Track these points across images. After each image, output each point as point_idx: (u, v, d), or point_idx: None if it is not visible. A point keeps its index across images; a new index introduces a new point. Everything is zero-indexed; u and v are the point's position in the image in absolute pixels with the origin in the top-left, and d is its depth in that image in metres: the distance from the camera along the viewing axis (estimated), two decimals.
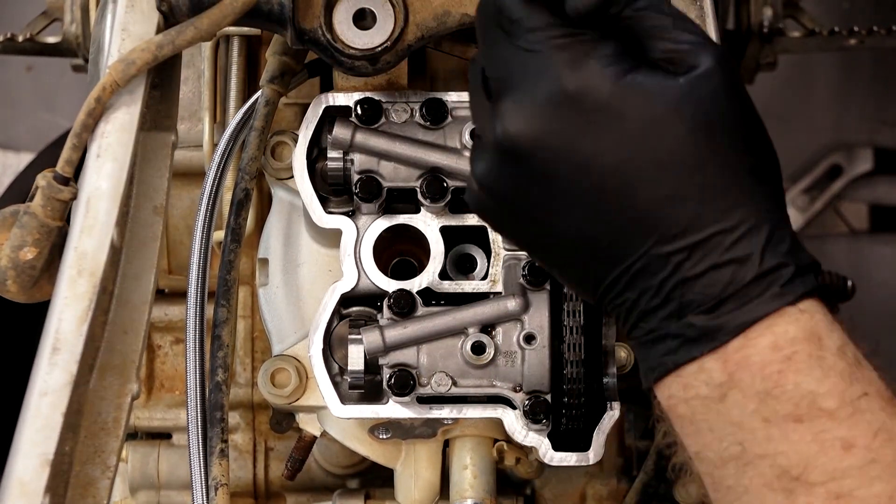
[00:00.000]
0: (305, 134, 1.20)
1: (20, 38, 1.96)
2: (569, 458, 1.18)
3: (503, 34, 0.94)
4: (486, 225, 1.10)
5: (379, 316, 1.19)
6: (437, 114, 1.19)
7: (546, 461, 1.18)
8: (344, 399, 1.18)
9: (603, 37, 0.92)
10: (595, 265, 0.94)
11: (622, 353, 1.21)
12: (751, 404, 0.89)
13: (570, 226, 0.93)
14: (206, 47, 1.42)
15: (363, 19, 1.15)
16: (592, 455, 1.18)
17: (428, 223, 1.19)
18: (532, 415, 1.17)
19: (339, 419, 1.22)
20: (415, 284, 1.19)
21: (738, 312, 0.90)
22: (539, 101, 0.92)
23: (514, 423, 1.17)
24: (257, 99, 1.23)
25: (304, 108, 1.22)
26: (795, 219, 2.64)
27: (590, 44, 0.92)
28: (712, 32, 1.19)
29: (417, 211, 1.20)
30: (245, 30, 1.39)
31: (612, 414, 1.18)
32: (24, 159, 2.63)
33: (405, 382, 1.16)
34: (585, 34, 0.92)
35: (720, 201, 0.90)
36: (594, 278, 0.94)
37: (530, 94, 0.92)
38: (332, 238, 1.22)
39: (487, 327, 1.17)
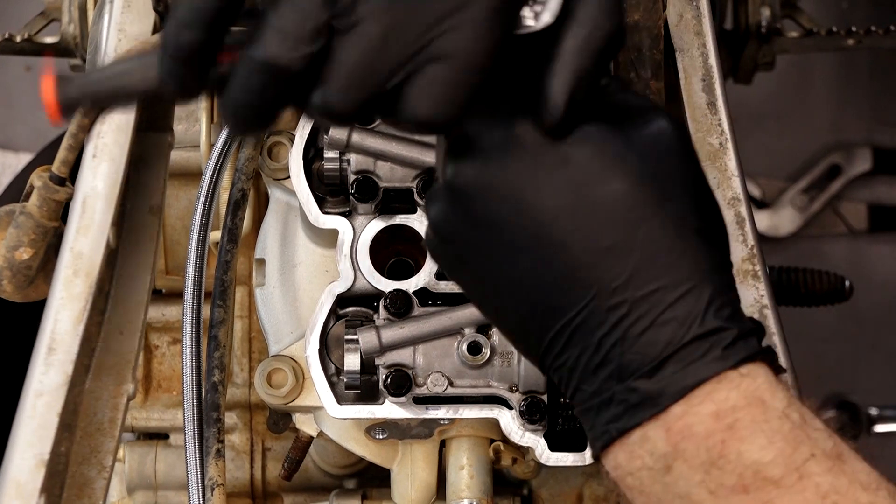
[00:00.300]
0: (302, 134, 1.20)
1: (18, 39, 1.96)
2: (565, 459, 1.18)
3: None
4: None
5: (375, 316, 1.19)
6: None
7: (543, 461, 1.18)
8: (340, 399, 1.18)
9: None
10: (538, 319, 0.92)
11: None
12: (696, 476, 0.88)
13: (513, 275, 0.92)
14: None
15: None
16: (589, 455, 1.18)
17: (424, 223, 1.19)
18: (528, 415, 1.17)
19: (335, 419, 1.22)
20: (411, 284, 1.19)
21: (679, 375, 0.88)
22: (486, 145, 0.91)
23: (510, 423, 1.17)
24: None
25: None
26: (794, 219, 2.64)
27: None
28: (709, 32, 1.19)
29: (414, 211, 1.20)
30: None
31: None
32: (23, 159, 2.63)
33: (401, 383, 1.16)
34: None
35: (663, 257, 0.89)
36: (537, 334, 0.92)
37: (477, 142, 0.91)
38: (328, 238, 1.22)
39: (483, 327, 1.17)
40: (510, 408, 1.18)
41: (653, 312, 0.88)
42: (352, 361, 1.16)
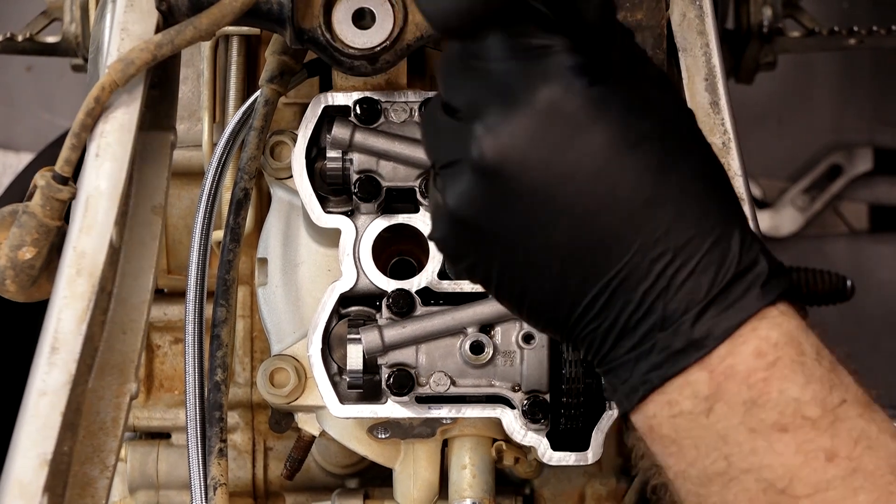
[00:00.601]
0: (304, 133, 1.20)
1: (20, 38, 1.96)
2: (567, 458, 1.18)
3: (469, 62, 0.93)
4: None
5: (378, 315, 1.19)
6: None
7: (545, 461, 1.18)
8: (343, 399, 1.18)
9: (572, 46, 0.91)
10: (574, 285, 0.92)
11: None
12: (736, 415, 0.89)
13: (548, 245, 0.92)
14: (206, 47, 1.42)
15: (362, 19, 1.15)
16: (591, 454, 1.18)
17: (427, 223, 1.19)
18: (531, 414, 1.17)
19: (337, 419, 1.22)
20: (414, 284, 1.19)
21: (724, 316, 0.89)
22: (513, 117, 0.91)
23: (512, 422, 1.17)
24: (256, 98, 1.23)
25: (304, 107, 1.22)
26: (795, 219, 2.64)
27: (558, 55, 0.90)
28: (712, 32, 1.19)
29: (416, 210, 1.20)
30: (244, 29, 1.39)
31: (611, 413, 1.18)
32: (23, 159, 2.63)
33: (404, 382, 1.16)
34: (552, 46, 0.91)
35: (695, 206, 0.90)
36: (572, 300, 0.92)
37: (503, 112, 0.91)
38: (331, 238, 1.22)
39: (486, 327, 1.17)
40: (512, 407, 1.18)
41: (694, 259, 0.89)
42: (354, 361, 1.16)
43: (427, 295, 1.19)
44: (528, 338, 1.17)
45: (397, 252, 1.24)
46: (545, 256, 0.92)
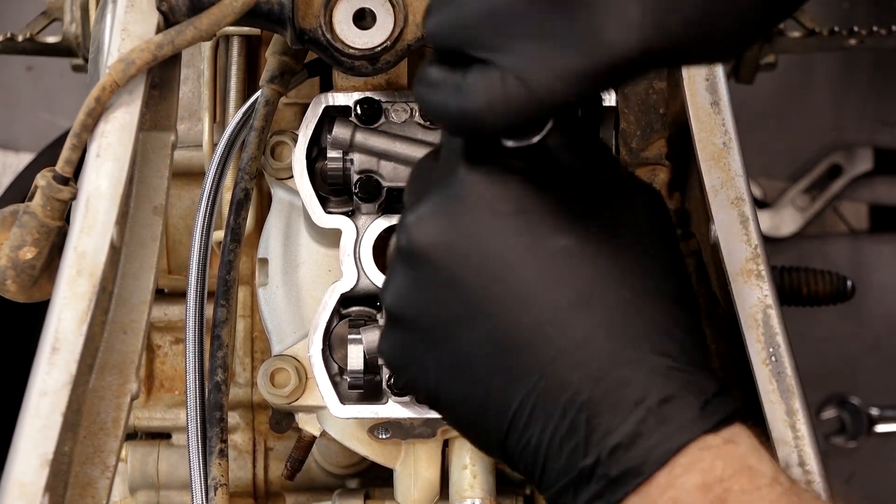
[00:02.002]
0: (305, 134, 1.20)
1: (20, 38, 1.96)
2: None
3: (425, 162, 0.93)
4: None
5: (378, 316, 1.19)
6: None
7: None
8: (343, 399, 1.18)
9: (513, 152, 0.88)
10: (499, 393, 0.86)
11: None
12: None
13: (476, 342, 0.86)
14: (206, 47, 1.42)
15: (363, 19, 1.15)
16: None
17: None
18: None
19: (338, 419, 1.22)
20: None
21: (657, 439, 0.82)
22: (438, 205, 0.89)
23: None
24: (257, 99, 1.23)
25: (304, 107, 1.22)
26: (795, 219, 2.64)
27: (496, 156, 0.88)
28: None
29: None
30: (245, 29, 1.39)
31: None
32: (24, 159, 2.63)
33: None
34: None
35: (624, 313, 0.85)
36: (497, 413, 0.86)
37: (429, 201, 0.89)
38: (331, 238, 1.22)
39: None
40: None
41: (617, 372, 0.83)
42: (355, 361, 1.16)
43: None
44: None
45: None
46: (472, 359, 0.87)
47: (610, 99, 1.14)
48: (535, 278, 0.85)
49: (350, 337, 1.17)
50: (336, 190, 1.21)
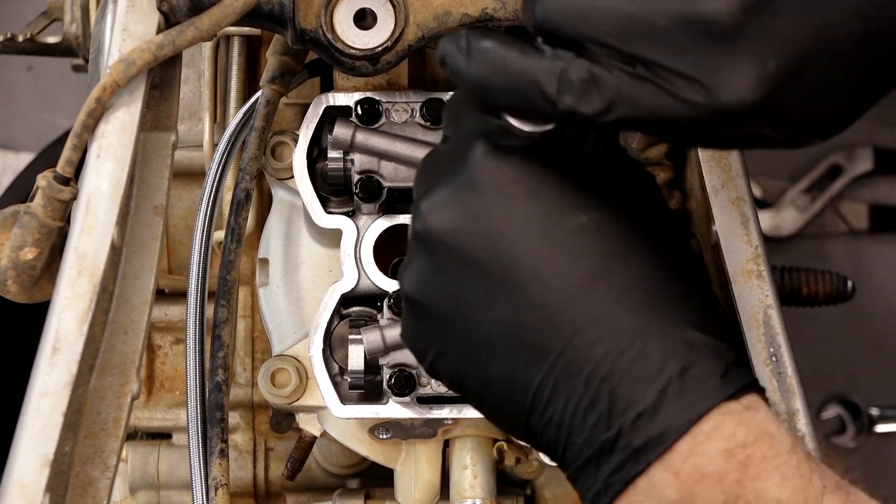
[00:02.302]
0: (306, 134, 1.20)
1: (20, 38, 1.95)
2: None
3: (436, 150, 0.93)
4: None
5: (379, 316, 1.19)
6: (437, 114, 1.19)
7: (546, 461, 1.18)
8: (344, 399, 1.18)
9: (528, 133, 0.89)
10: (521, 373, 0.87)
11: None
12: None
13: (494, 322, 0.87)
14: (207, 47, 1.42)
15: (363, 19, 1.15)
16: None
17: None
18: None
19: (339, 419, 1.22)
20: None
21: (680, 407, 0.83)
22: (450, 189, 0.89)
23: None
24: (257, 99, 1.23)
25: (305, 108, 1.22)
26: (795, 219, 2.64)
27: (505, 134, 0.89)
28: None
29: None
30: (245, 30, 1.39)
31: None
32: (24, 159, 2.63)
33: (405, 382, 1.16)
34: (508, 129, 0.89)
35: (643, 284, 0.86)
36: (521, 392, 0.87)
37: (441, 185, 0.90)
38: (332, 238, 1.22)
39: None
40: None
41: (638, 343, 0.84)
42: (355, 361, 1.16)
43: None
44: None
45: (399, 252, 1.24)
46: (492, 340, 0.88)
47: None
48: (550, 256, 0.86)
49: (350, 337, 1.17)
50: (336, 190, 1.21)
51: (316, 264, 1.26)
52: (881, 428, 2.51)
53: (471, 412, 1.17)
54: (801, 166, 2.67)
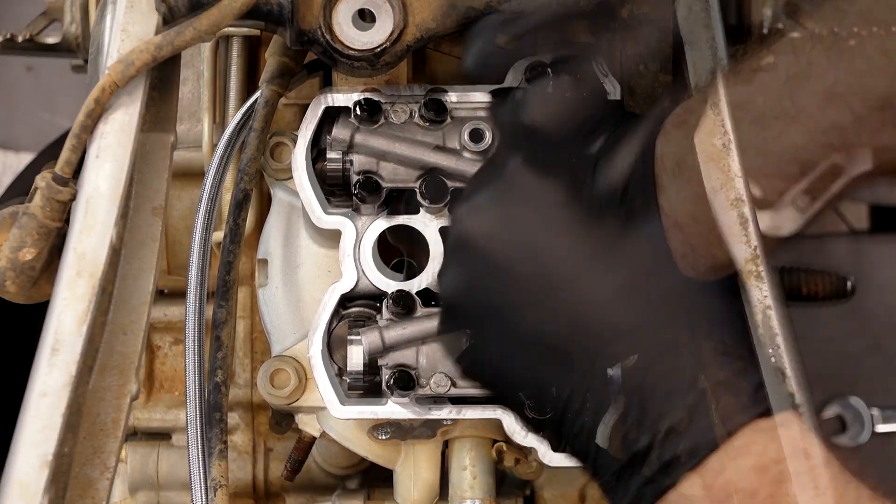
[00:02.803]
0: (305, 134, 1.20)
1: (20, 39, 1.95)
2: (568, 459, 1.18)
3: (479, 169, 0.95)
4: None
5: (378, 316, 1.19)
6: (437, 113, 1.19)
7: (545, 462, 1.18)
8: (343, 400, 1.18)
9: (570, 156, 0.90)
10: (554, 379, 0.88)
11: None
12: None
13: (527, 328, 0.88)
14: (206, 48, 1.42)
15: (363, 20, 1.15)
16: None
17: (427, 224, 1.19)
18: None
19: (338, 420, 1.22)
20: (414, 285, 1.18)
21: (710, 423, 0.83)
22: (487, 195, 0.91)
23: (513, 423, 1.17)
24: (256, 99, 1.23)
25: (304, 108, 1.22)
26: (795, 219, 2.64)
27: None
28: (718, 25, 1.19)
29: (417, 211, 1.20)
30: (244, 30, 1.39)
31: (612, 415, 1.18)
32: (24, 159, 2.64)
33: (404, 383, 1.15)
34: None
35: (674, 301, 0.87)
36: (553, 396, 0.88)
37: (481, 192, 0.92)
38: (331, 238, 1.22)
39: None
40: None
41: (668, 357, 0.84)
42: (355, 362, 1.16)
43: (427, 296, 1.19)
44: None
45: (398, 253, 1.24)
46: (525, 347, 0.89)
47: (615, 93, 1.14)
48: (584, 266, 0.87)
49: (350, 337, 1.17)
50: (336, 190, 1.21)
51: (315, 265, 1.26)
52: (881, 428, 2.51)
53: (470, 413, 1.17)
54: (801, 166, 2.67)
